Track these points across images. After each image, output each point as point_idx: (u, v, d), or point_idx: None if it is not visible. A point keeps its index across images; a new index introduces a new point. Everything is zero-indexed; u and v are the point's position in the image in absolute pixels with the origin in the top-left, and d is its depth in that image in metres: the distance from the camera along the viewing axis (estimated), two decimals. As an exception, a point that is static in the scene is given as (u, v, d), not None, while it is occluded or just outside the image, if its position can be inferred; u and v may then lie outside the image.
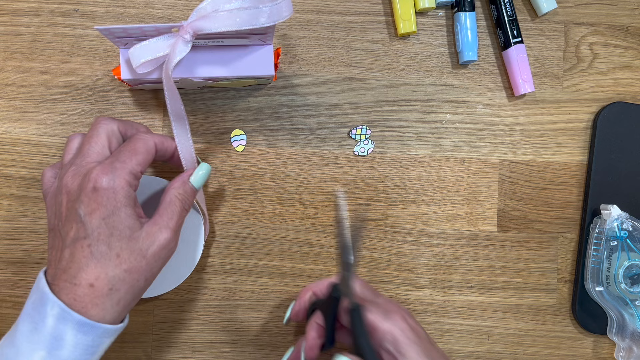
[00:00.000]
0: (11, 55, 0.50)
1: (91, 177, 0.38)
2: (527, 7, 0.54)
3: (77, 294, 0.37)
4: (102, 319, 0.37)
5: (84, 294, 0.37)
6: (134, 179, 0.39)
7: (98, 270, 0.37)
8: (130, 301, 0.39)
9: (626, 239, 0.52)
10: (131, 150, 0.39)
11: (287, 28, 0.52)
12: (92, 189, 0.37)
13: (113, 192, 0.37)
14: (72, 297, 0.37)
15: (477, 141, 0.54)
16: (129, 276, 0.38)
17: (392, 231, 0.53)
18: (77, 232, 0.38)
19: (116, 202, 0.37)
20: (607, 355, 0.55)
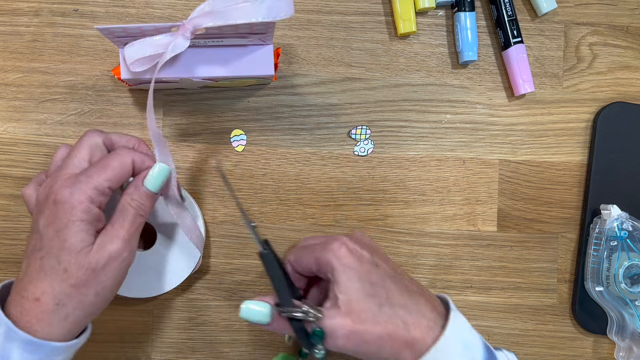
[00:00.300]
0: (11, 55, 0.50)
1: (54, 189, 0.37)
2: (527, 7, 0.54)
3: (24, 307, 0.36)
4: (47, 335, 0.36)
5: (30, 307, 0.36)
6: (98, 194, 0.37)
7: (45, 284, 0.36)
8: (82, 317, 0.38)
9: (626, 239, 0.52)
10: (102, 165, 0.38)
11: (287, 28, 0.52)
12: (52, 201, 0.37)
13: (70, 206, 0.36)
14: (19, 309, 0.36)
15: (477, 141, 0.54)
16: (76, 291, 0.37)
17: (392, 231, 0.53)
18: (35, 244, 0.37)
19: (71, 215, 0.36)
20: (607, 355, 0.55)
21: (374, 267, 0.40)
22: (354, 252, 0.40)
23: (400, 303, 0.39)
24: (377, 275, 0.39)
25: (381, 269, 0.40)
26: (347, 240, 0.40)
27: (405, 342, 0.38)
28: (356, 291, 0.38)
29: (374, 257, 0.40)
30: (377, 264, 0.40)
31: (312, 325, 0.38)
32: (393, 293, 0.39)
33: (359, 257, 0.39)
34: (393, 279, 0.40)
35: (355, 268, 0.39)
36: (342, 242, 0.40)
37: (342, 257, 0.39)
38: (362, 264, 0.39)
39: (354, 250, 0.40)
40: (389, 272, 0.40)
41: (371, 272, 0.39)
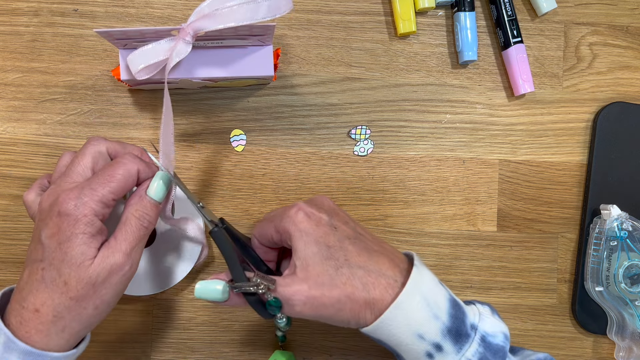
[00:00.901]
0: (10, 55, 0.50)
1: (59, 200, 0.37)
2: (527, 7, 0.54)
3: (24, 317, 0.36)
4: (46, 346, 0.36)
5: (29, 318, 0.36)
6: (102, 207, 0.37)
7: (45, 295, 0.36)
8: (80, 329, 0.38)
9: (626, 239, 0.52)
10: (108, 175, 0.38)
11: (287, 28, 0.52)
12: (57, 212, 0.37)
13: (75, 219, 0.36)
14: (19, 319, 0.36)
15: (477, 141, 0.54)
16: (75, 304, 0.37)
17: (392, 231, 0.53)
18: (36, 254, 0.37)
19: (75, 228, 0.36)
20: (607, 355, 0.55)
21: (332, 229, 0.39)
22: (311, 216, 0.39)
23: (359, 264, 0.39)
24: (334, 237, 0.39)
25: (339, 231, 0.40)
26: (303, 205, 0.40)
27: (364, 303, 0.38)
28: (312, 255, 0.38)
29: (332, 219, 0.40)
30: (335, 226, 0.40)
31: (265, 296, 0.39)
32: (351, 254, 0.39)
33: (317, 221, 0.39)
34: (352, 240, 0.40)
35: (311, 232, 0.39)
36: (299, 208, 0.40)
37: (298, 223, 0.39)
38: (319, 227, 0.39)
39: (311, 214, 0.39)
40: (348, 234, 0.40)
41: (328, 234, 0.39)
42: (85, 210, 0.37)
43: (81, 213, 0.36)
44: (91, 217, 0.37)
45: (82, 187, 0.37)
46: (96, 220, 0.37)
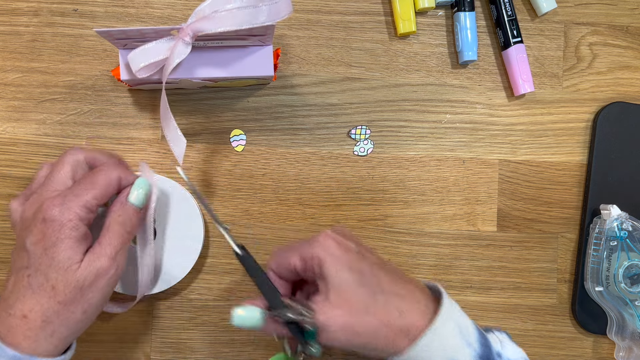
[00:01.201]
0: (10, 55, 0.50)
1: (43, 207, 0.37)
2: (526, 7, 0.54)
3: (11, 324, 0.36)
4: (34, 351, 0.36)
5: (16, 325, 0.36)
6: (87, 212, 0.38)
7: (33, 301, 0.37)
8: (68, 334, 0.38)
9: (626, 239, 0.52)
10: (89, 182, 0.39)
11: (287, 28, 0.52)
12: (41, 219, 0.37)
13: (60, 224, 0.37)
14: (6, 327, 0.37)
15: (477, 141, 0.54)
16: (64, 308, 0.37)
17: (392, 231, 0.53)
18: (22, 261, 0.37)
19: (60, 234, 0.37)
20: (606, 355, 0.55)
21: (361, 256, 0.40)
22: (340, 243, 0.39)
23: (393, 291, 0.39)
24: (366, 264, 0.39)
25: (368, 259, 0.40)
26: (331, 233, 0.40)
27: (400, 330, 0.38)
28: (347, 282, 0.38)
29: (359, 247, 0.40)
30: (363, 253, 0.40)
31: (305, 323, 0.38)
32: (384, 281, 0.39)
33: (346, 248, 0.39)
34: (381, 267, 0.40)
35: (343, 258, 0.39)
36: (328, 235, 0.40)
37: (329, 248, 0.39)
38: (349, 253, 0.39)
39: (340, 241, 0.39)
40: (376, 261, 0.40)
41: (360, 260, 0.39)
42: (70, 215, 0.37)
43: (66, 218, 0.37)
44: (76, 221, 0.37)
45: (65, 194, 0.38)
46: (81, 225, 0.38)
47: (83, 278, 0.37)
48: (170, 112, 0.43)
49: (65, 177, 0.40)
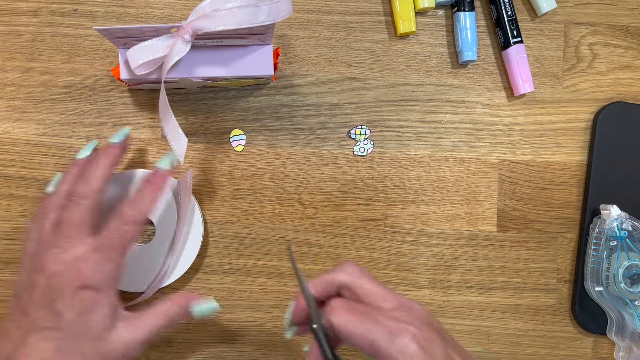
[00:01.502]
0: (10, 55, 0.50)
1: (81, 273, 0.37)
2: (526, 7, 0.54)
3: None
4: None
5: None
6: (120, 272, 0.39)
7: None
8: None
9: (626, 239, 0.52)
10: (119, 238, 0.39)
11: (287, 28, 0.52)
12: (79, 286, 0.37)
13: (98, 292, 0.37)
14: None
15: (477, 141, 0.54)
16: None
17: (392, 231, 0.53)
18: (48, 321, 0.37)
19: (98, 302, 0.37)
20: (606, 355, 0.55)
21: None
22: (425, 348, 0.33)
23: None
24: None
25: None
26: (415, 331, 0.34)
27: None
28: None
29: (447, 347, 0.35)
30: (450, 356, 0.35)
31: None
32: None
33: (431, 355, 0.33)
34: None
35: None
36: (412, 336, 0.33)
37: (411, 356, 0.33)
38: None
39: (424, 342, 0.34)
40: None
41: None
42: (109, 282, 0.37)
43: (105, 285, 0.37)
44: (115, 287, 0.38)
45: (101, 258, 0.38)
46: (116, 287, 0.38)
47: (114, 349, 0.37)
48: (170, 109, 0.43)
49: (87, 227, 0.39)
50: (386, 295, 0.37)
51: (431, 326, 0.35)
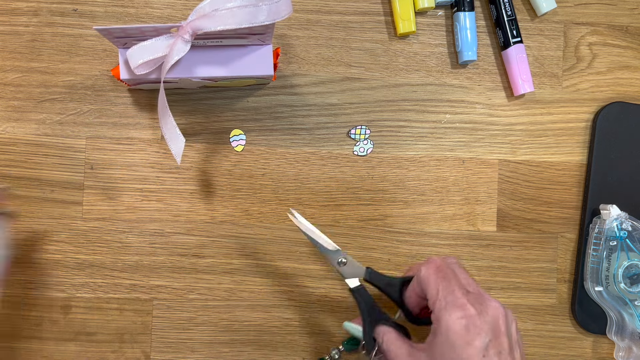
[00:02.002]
0: (10, 55, 0.50)
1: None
2: (526, 7, 0.54)
3: None
4: None
5: None
6: None
7: None
8: None
9: (625, 239, 0.52)
10: None
11: (287, 28, 0.52)
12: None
13: None
14: None
15: (477, 141, 0.54)
16: None
17: (392, 231, 0.53)
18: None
19: None
20: (606, 355, 0.55)
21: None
22: (469, 333, 0.37)
23: None
24: None
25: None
26: (473, 315, 0.38)
27: None
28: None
29: (492, 346, 0.37)
30: (489, 353, 0.37)
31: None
32: None
33: (469, 342, 0.37)
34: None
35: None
36: (465, 316, 0.38)
37: (453, 332, 0.37)
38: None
39: (471, 330, 0.37)
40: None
41: None
42: None
43: None
44: None
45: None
46: None
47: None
48: (168, 109, 0.43)
49: None
50: (471, 282, 0.41)
51: (493, 322, 0.38)
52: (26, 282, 0.50)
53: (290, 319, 0.52)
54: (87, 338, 0.51)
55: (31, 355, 0.50)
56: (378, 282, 0.46)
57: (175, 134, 0.43)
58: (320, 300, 0.52)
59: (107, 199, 0.51)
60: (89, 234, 0.51)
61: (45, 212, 0.50)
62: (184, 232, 0.51)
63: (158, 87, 0.50)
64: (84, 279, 0.51)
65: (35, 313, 0.50)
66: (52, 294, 0.50)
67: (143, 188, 0.51)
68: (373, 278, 0.46)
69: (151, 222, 0.51)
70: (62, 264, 0.50)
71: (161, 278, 0.51)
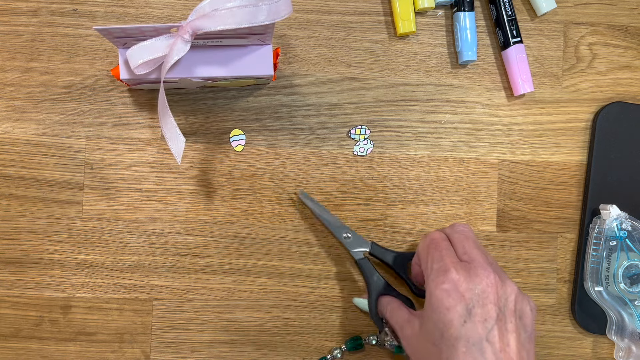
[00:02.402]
0: (10, 55, 0.50)
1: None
2: (526, 7, 0.54)
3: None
4: None
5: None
6: None
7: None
8: None
9: (625, 239, 0.52)
10: None
11: (286, 28, 0.52)
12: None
13: None
14: None
15: (477, 141, 0.54)
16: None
17: (392, 231, 0.53)
18: None
19: None
20: (606, 355, 0.55)
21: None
22: (452, 300, 0.39)
23: None
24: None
25: None
26: (457, 282, 0.39)
27: None
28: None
29: (473, 315, 0.38)
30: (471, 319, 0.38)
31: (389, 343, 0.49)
32: None
33: (449, 308, 0.38)
34: None
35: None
36: (450, 282, 0.39)
37: (437, 299, 0.40)
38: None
39: (453, 296, 0.38)
40: None
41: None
42: None
43: None
44: None
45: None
46: None
47: None
48: (168, 109, 0.43)
49: None
50: (474, 253, 0.41)
51: (482, 289, 0.38)
52: (26, 282, 0.50)
53: (290, 319, 0.52)
54: (87, 338, 0.51)
55: (31, 355, 0.50)
56: (382, 256, 0.50)
57: (175, 134, 0.43)
58: (320, 300, 0.52)
59: (106, 199, 0.51)
60: (88, 234, 0.51)
61: (45, 212, 0.50)
62: (184, 232, 0.51)
63: (158, 87, 0.50)
64: (83, 279, 0.51)
65: (34, 313, 0.50)
66: (51, 294, 0.50)
67: (143, 188, 0.51)
68: (377, 252, 0.50)
69: (151, 222, 0.51)
70: (62, 264, 0.50)
71: (161, 278, 0.51)
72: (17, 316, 0.50)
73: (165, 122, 0.43)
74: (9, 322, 0.50)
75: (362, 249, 0.50)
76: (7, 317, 0.50)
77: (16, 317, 0.50)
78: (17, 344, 0.50)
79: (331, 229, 0.50)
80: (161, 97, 0.43)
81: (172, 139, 0.43)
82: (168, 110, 0.43)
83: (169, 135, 0.43)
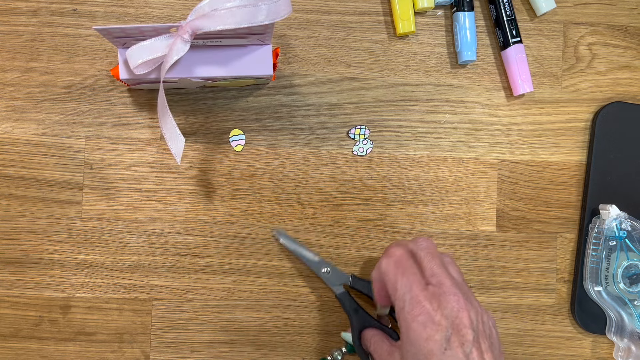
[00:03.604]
0: (9, 54, 0.50)
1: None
2: (526, 7, 0.54)
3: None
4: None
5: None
6: None
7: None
8: None
9: (625, 239, 0.52)
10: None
11: (286, 28, 0.52)
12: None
13: None
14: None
15: (476, 141, 0.54)
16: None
17: (391, 231, 0.53)
18: None
19: None
20: (606, 355, 0.55)
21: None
22: (428, 320, 0.40)
23: None
24: None
25: None
26: (427, 308, 0.40)
27: None
28: None
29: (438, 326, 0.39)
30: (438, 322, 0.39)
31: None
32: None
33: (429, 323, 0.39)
34: None
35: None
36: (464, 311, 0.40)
37: (411, 317, 0.40)
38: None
39: (424, 315, 0.39)
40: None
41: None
42: None
43: None
44: None
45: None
46: None
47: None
48: (168, 109, 0.43)
49: None
50: (436, 271, 0.41)
51: (453, 315, 0.39)
52: (24, 282, 0.50)
53: (290, 319, 0.52)
54: (87, 338, 0.51)
55: (30, 355, 0.50)
56: (360, 287, 0.50)
57: (175, 134, 0.43)
58: (320, 300, 0.52)
59: (106, 199, 0.51)
60: (88, 234, 0.51)
61: (44, 212, 0.50)
62: (184, 232, 0.51)
63: (158, 87, 0.50)
64: (83, 279, 0.51)
65: (34, 313, 0.50)
66: (51, 294, 0.50)
67: (142, 188, 0.51)
68: (357, 285, 0.50)
69: (150, 222, 0.51)
70: (62, 264, 0.50)
71: (160, 278, 0.51)
72: (16, 316, 0.50)
73: (164, 122, 0.43)
74: (9, 322, 0.50)
75: (342, 283, 0.50)
76: (6, 317, 0.50)
77: (16, 317, 0.50)
78: (17, 344, 0.50)
79: (310, 265, 0.50)
80: (161, 97, 0.43)
81: (171, 139, 0.43)
82: (168, 110, 0.43)
83: (168, 135, 0.43)
